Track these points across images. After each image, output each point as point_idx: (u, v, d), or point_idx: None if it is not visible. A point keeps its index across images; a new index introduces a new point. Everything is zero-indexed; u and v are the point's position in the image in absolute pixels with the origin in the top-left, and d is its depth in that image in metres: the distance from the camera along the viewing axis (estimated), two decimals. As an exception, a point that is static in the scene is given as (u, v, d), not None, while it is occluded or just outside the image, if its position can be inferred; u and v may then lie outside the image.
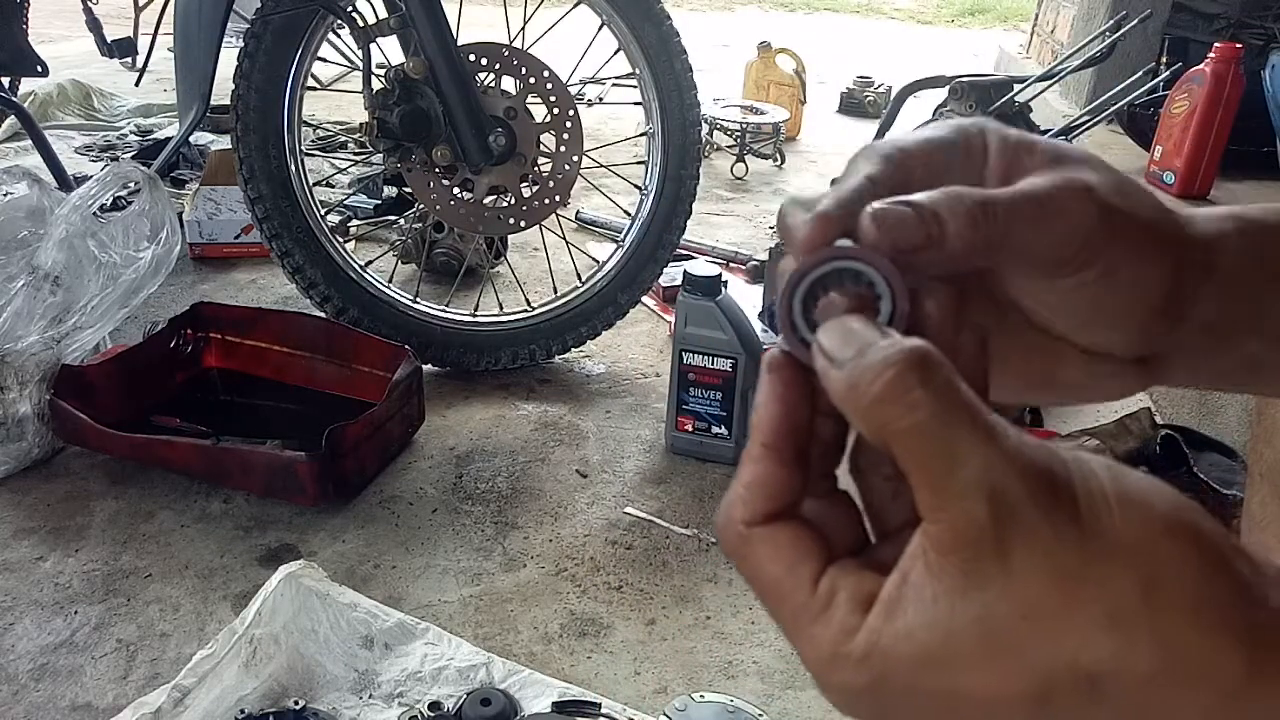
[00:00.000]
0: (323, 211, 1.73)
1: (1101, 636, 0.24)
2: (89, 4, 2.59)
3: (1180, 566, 0.25)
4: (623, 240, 1.87)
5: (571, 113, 1.69)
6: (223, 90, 1.63)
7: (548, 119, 1.69)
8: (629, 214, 1.90)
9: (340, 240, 1.75)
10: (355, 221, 2.51)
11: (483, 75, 1.66)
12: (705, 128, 3.20)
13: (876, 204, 0.31)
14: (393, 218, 2.49)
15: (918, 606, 0.26)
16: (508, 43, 1.67)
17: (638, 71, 1.78)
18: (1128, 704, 0.25)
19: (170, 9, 1.71)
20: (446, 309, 1.82)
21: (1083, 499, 0.25)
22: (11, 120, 2.79)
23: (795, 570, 0.29)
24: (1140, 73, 1.81)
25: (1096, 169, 0.34)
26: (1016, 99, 1.79)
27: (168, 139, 2.84)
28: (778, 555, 0.29)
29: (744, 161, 3.22)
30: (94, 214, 1.56)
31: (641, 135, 1.86)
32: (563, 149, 1.71)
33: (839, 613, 0.27)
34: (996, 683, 0.25)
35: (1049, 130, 1.76)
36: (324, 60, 1.72)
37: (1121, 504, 0.25)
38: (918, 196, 0.31)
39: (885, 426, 0.26)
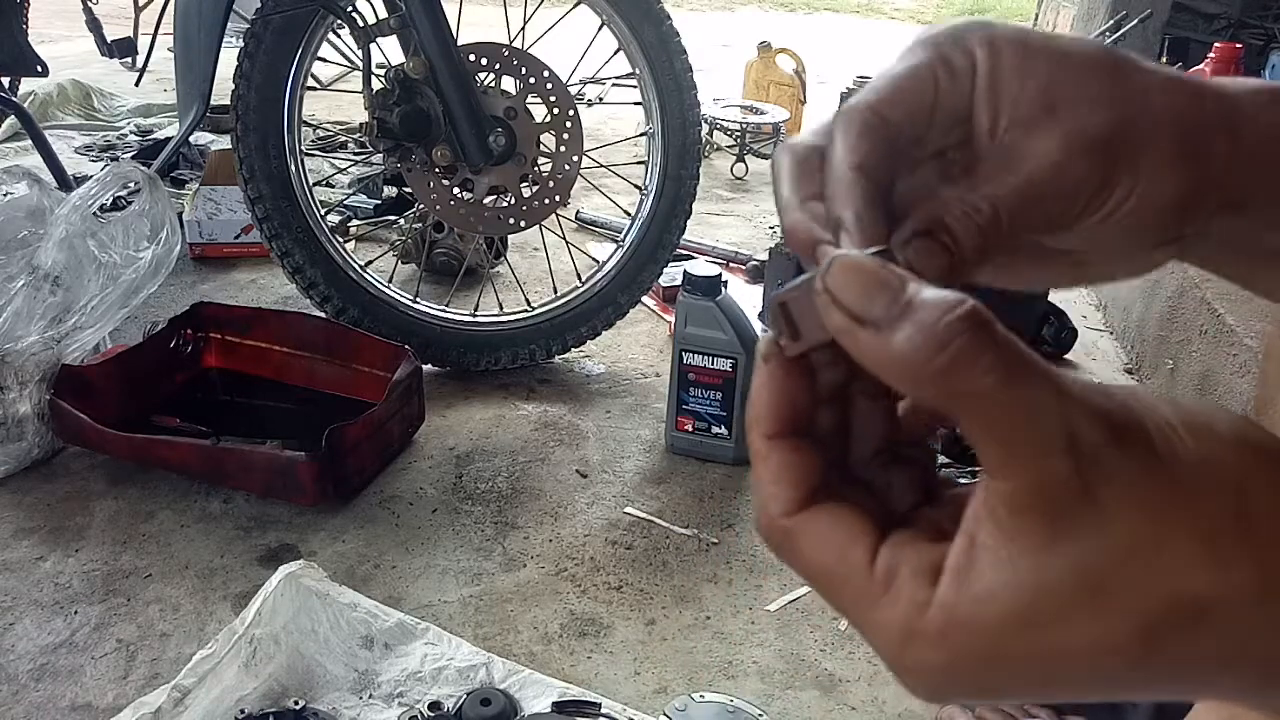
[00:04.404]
0: (323, 211, 1.73)
1: (1200, 565, 0.24)
2: (89, 4, 2.60)
3: (1260, 480, 0.25)
4: (623, 240, 1.87)
5: (571, 113, 1.69)
6: (223, 90, 1.63)
7: (548, 119, 1.69)
8: (629, 214, 1.90)
9: (340, 240, 1.75)
10: (355, 221, 2.51)
11: (483, 75, 1.66)
12: (705, 128, 3.20)
13: (907, 249, 0.31)
14: (393, 218, 2.49)
15: (996, 569, 0.25)
16: (508, 43, 1.67)
17: (638, 71, 1.78)
18: (1234, 628, 0.24)
19: (170, 9, 1.71)
20: (446, 309, 1.82)
21: (1154, 432, 0.25)
22: (11, 120, 2.79)
23: (847, 553, 0.27)
24: (1140, 73, 1.81)
25: (1100, 83, 0.32)
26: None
27: (168, 139, 2.84)
28: (824, 541, 0.28)
29: (744, 161, 3.21)
30: (94, 214, 1.56)
31: (641, 135, 1.86)
32: (563, 149, 1.71)
33: (904, 589, 0.26)
34: (1101, 632, 0.24)
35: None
36: (324, 60, 1.72)
37: (1191, 431, 0.25)
38: (936, 226, 0.31)
39: (949, 393, 0.25)
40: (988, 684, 0.26)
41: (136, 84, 2.30)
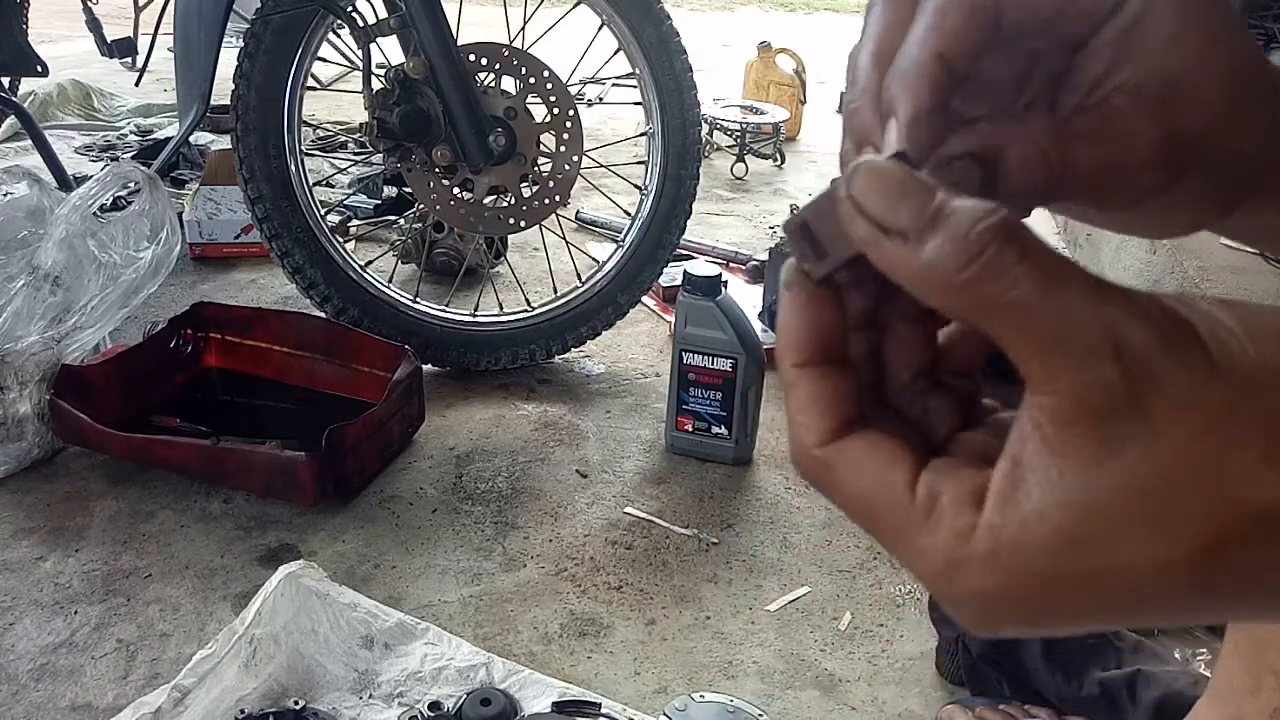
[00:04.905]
0: (323, 211, 1.73)
1: (1268, 472, 0.23)
2: (89, 4, 2.60)
3: None
4: (623, 240, 1.87)
5: (571, 113, 1.69)
6: (223, 90, 1.63)
7: (548, 119, 1.69)
8: (629, 214, 1.90)
9: (340, 240, 1.75)
10: (355, 221, 2.51)
11: (483, 75, 1.66)
12: (705, 128, 3.20)
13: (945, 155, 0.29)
14: (393, 218, 2.49)
15: (1044, 487, 0.23)
16: (508, 43, 1.67)
17: (638, 71, 1.78)
18: None
19: (170, 9, 1.71)
20: (446, 309, 1.82)
21: (1209, 339, 0.23)
22: (11, 120, 2.79)
23: (885, 481, 0.26)
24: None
25: (1231, 88, 0.30)
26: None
27: (168, 139, 2.84)
28: (861, 469, 0.27)
29: (744, 161, 3.21)
30: (94, 214, 1.56)
31: (641, 135, 1.86)
32: (563, 149, 1.71)
33: (947, 516, 0.25)
34: (1162, 547, 0.23)
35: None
36: (324, 60, 1.72)
37: (1252, 336, 0.23)
38: (991, 156, 0.29)
39: (982, 304, 0.23)
40: (1040, 610, 0.25)
41: (136, 84, 2.30)
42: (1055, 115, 0.32)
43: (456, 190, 1.70)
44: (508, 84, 1.67)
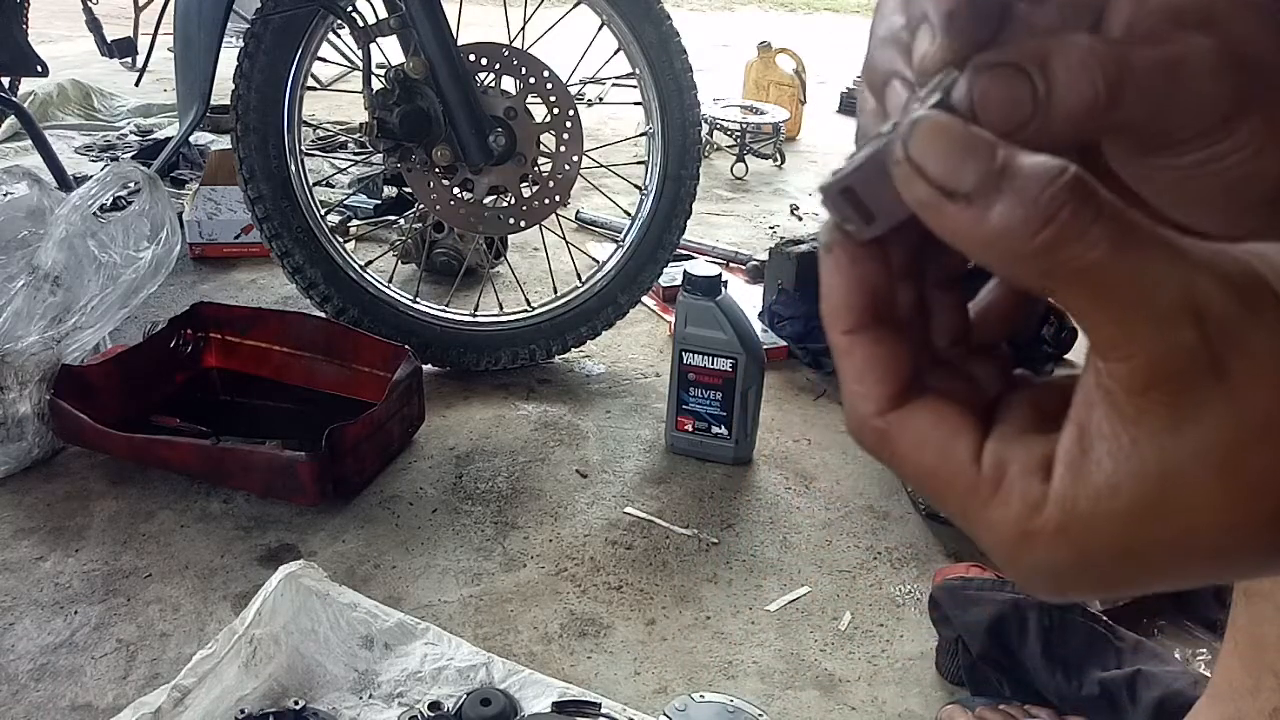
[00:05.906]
0: (323, 211, 1.73)
1: None
2: (89, 4, 2.60)
3: None
4: (623, 240, 1.87)
5: (571, 113, 1.69)
6: (223, 90, 1.63)
7: (548, 119, 1.69)
8: (629, 214, 1.90)
9: (340, 240, 1.75)
10: (355, 221, 2.51)
11: (483, 75, 1.66)
12: (705, 128, 3.20)
13: (980, 74, 0.25)
14: (393, 218, 2.49)
15: (1116, 457, 0.23)
16: (508, 43, 1.67)
17: (638, 71, 1.78)
18: None
19: (170, 9, 1.71)
20: (446, 309, 1.82)
21: None
22: (11, 120, 2.79)
23: (950, 452, 0.25)
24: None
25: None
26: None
27: (168, 139, 2.84)
28: (924, 441, 0.26)
29: (744, 161, 3.22)
30: (94, 214, 1.56)
31: (641, 135, 1.86)
32: (563, 149, 1.71)
33: (1016, 486, 0.24)
34: (1241, 511, 0.22)
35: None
36: (324, 60, 1.72)
37: None
38: (1034, 62, 0.25)
39: (1055, 269, 0.22)
40: (1111, 578, 0.24)
41: (136, 84, 2.31)
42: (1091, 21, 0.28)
43: (456, 190, 1.70)
44: (508, 84, 1.67)
